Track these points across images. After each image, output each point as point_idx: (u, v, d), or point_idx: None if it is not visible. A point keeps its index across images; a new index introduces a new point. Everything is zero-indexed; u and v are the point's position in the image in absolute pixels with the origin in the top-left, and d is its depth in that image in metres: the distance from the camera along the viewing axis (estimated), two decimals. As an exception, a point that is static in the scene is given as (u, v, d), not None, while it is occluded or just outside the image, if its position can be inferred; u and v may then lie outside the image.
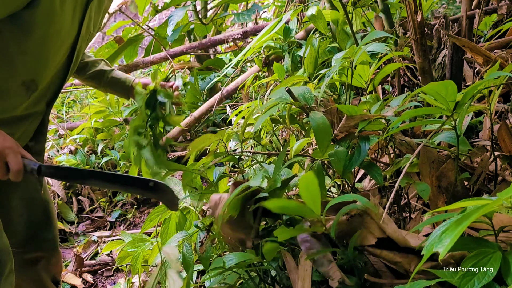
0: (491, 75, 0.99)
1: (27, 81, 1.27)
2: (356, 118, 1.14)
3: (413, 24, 1.41)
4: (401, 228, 1.20)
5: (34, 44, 1.20)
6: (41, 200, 1.63)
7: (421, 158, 1.17)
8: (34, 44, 1.20)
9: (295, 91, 1.26)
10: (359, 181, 1.58)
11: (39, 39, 1.20)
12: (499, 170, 1.28)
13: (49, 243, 1.68)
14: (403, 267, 0.97)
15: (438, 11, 2.77)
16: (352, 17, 2.00)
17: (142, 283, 2.15)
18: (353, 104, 1.41)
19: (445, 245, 0.61)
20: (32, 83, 1.29)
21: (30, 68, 1.26)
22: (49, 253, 1.69)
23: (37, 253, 1.65)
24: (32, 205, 1.60)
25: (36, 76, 1.29)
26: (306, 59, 1.95)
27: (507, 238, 0.95)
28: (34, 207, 1.60)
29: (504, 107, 1.63)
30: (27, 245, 1.61)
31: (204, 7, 3.71)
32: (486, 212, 0.64)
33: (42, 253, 1.66)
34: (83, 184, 2.60)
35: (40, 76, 1.30)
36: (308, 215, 0.93)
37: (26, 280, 1.65)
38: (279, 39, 2.35)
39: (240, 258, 1.14)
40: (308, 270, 1.09)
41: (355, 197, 0.94)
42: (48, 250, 1.68)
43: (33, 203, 1.60)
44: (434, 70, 1.72)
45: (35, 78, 1.29)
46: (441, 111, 1.01)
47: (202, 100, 3.51)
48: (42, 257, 1.67)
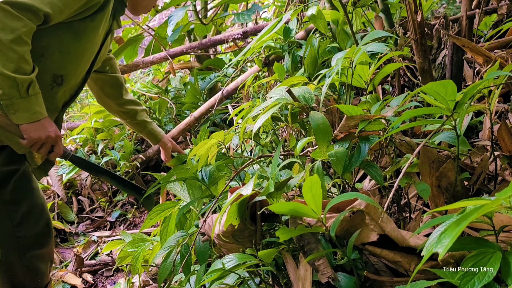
0: (490, 74, 0.98)
1: (57, 75, 1.59)
2: (356, 118, 1.14)
3: (413, 24, 1.41)
4: (401, 228, 1.20)
5: (76, 48, 1.57)
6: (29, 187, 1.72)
7: (421, 158, 1.17)
8: (76, 48, 1.57)
9: (295, 91, 1.26)
10: (359, 181, 1.58)
11: (81, 46, 1.58)
12: (499, 170, 1.28)
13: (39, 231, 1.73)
14: (403, 266, 0.97)
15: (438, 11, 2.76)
16: (352, 17, 2.00)
17: (142, 283, 2.15)
18: (353, 104, 1.41)
19: (445, 245, 0.61)
20: (59, 78, 1.60)
21: (64, 65, 1.59)
22: (40, 241, 1.75)
23: (29, 240, 1.71)
24: (21, 190, 1.68)
25: (66, 73, 1.61)
26: (306, 59, 1.95)
27: (507, 238, 0.95)
28: (22, 192, 1.68)
29: (504, 107, 1.63)
30: (20, 231, 1.69)
31: (204, 7, 3.71)
32: (485, 212, 0.63)
33: (33, 241, 1.73)
34: (96, 176, 3.31)
35: (69, 74, 1.62)
36: (310, 215, 0.93)
37: (21, 268, 1.68)
38: (279, 39, 2.35)
39: (240, 260, 1.14)
40: (309, 271, 1.09)
41: (356, 195, 0.94)
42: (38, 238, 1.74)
43: (22, 187, 1.68)
44: (434, 70, 1.73)
45: (64, 74, 1.61)
46: (441, 111, 1.00)
47: (202, 100, 3.51)
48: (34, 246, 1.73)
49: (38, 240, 1.72)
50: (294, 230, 1.00)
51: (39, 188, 1.77)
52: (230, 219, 1.15)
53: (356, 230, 0.99)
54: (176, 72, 3.84)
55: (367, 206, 0.98)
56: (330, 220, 0.99)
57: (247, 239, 1.25)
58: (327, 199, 1.11)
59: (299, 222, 1.04)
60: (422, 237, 1.01)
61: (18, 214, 1.65)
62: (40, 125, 1.47)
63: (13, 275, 1.68)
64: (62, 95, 1.68)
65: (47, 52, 1.52)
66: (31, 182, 1.71)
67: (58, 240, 3.04)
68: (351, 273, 1.03)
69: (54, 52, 1.54)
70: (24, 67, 1.36)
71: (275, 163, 1.23)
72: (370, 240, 0.98)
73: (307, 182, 0.88)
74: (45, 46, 1.51)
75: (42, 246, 1.74)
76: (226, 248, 1.31)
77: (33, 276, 1.73)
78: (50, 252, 1.79)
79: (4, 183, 1.62)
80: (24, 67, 1.37)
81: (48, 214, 1.78)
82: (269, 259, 1.12)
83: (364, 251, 1.07)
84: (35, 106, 1.43)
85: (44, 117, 1.48)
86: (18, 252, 1.67)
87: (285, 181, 1.17)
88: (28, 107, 1.42)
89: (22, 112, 1.41)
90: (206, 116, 3.20)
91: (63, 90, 1.65)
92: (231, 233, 1.21)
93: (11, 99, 1.38)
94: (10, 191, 1.63)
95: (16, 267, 1.68)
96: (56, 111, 1.70)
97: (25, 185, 1.68)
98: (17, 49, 1.33)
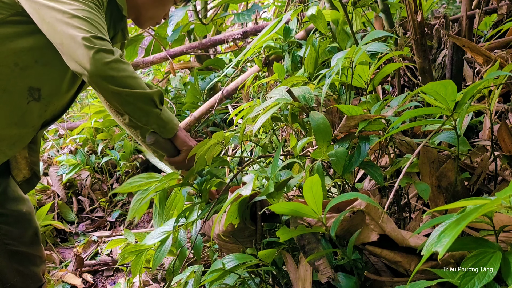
0: (490, 74, 0.99)
1: (33, 88, 1.40)
2: (356, 118, 1.14)
3: (413, 24, 1.41)
4: (401, 228, 1.20)
5: (55, 60, 1.36)
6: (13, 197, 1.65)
7: (421, 158, 1.17)
8: (55, 60, 1.36)
9: (295, 91, 1.26)
10: (359, 181, 1.58)
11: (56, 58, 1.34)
12: (499, 170, 1.28)
13: (27, 239, 1.69)
14: (403, 266, 0.97)
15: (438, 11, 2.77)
16: (352, 17, 2.00)
17: (142, 283, 2.15)
18: (353, 104, 1.41)
19: (444, 244, 0.61)
20: (36, 91, 1.41)
21: (41, 78, 1.40)
22: (29, 248, 1.70)
23: (17, 247, 1.66)
24: (5, 201, 1.62)
25: (42, 87, 1.42)
26: (306, 59, 1.95)
27: (508, 238, 0.95)
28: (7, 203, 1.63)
29: (504, 107, 1.63)
30: (6, 239, 1.63)
31: (204, 7, 3.71)
32: (485, 212, 0.64)
33: (22, 248, 1.68)
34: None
35: (46, 89, 1.43)
36: (310, 215, 0.94)
37: (12, 272, 1.67)
38: (279, 39, 2.35)
39: (240, 260, 1.14)
40: (309, 271, 1.09)
41: (356, 195, 0.94)
42: (27, 245, 1.69)
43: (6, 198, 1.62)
44: (434, 70, 1.73)
45: (41, 88, 1.42)
46: (441, 111, 1.01)
47: (202, 100, 3.51)
48: (24, 251, 1.69)
49: (27, 247, 1.70)
50: (295, 230, 1.00)
51: (23, 197, 1.70)
52: (230, 218, 1.16)
53: (356, 230, 1.00)
54: (176, 72, 3.84)
55: (367, 206, 0.98)
56: (330, 220, 0.99)
57: (247, 239, 1.25)
58: (327, 199, 1.11)
59: (300, 222, 1.05)
60: (422, 237, 1.01)
61: (5, 225, 1.62)
62: (185, 133, 1.46)
63: (3, 280, 1.66)
64: (41, 113, 1.47)
65: (20, 59, 1.36)
66: (15, 193, 1.66)
67: (58, 240, 3.04)
68: (351, 273, 1.03)
69: (30, 62, 1.37)
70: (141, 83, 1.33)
71: (275, 163, 1.23)
72: (370, 240, 0.98)
73: (308, 182, 0.89)
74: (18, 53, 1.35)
75: (31, 251, 1.71)
76: (226, 248, 1.32)
77: (24, 279, 1.72)
78: (41, 255, 1.76)
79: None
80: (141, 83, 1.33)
81: (36, 223, 1.73)
82: (269, 259, 1.12)
83: (364, 251, 1.07)
84: (171, 117, 1.41)
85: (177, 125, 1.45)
86: (8, 257, 1.65)
87: (285, 181, 1.17)
88: (168, 118, 1.39)
89: (168, 124, 1.39)
90: (206, 116, 3.20)
91: (41, 106, 1.45)
92: (231, 233, 1.21)
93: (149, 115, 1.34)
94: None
95: (6, 271, 1.66)
96: (33, 130, 1.49)
97: (10, 196, 1.63)
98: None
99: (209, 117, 3.26)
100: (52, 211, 3.16)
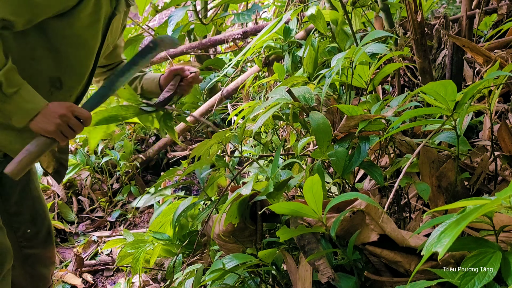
0: (490, 74, 0.99)
1: (53, 78, 1.39)
2: (356, 118, 1.14)
3: (413, 24, 1.41)
4: (401, 228, 1.20)
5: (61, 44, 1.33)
6: (31, 197, 1.67)
7: (421, 158, 1.17)
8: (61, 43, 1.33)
9: (295, 91, 1.26)
10: (359, 181, 1.58)
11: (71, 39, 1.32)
12: (499, 170, 1.28)
13: (41, 238, 1.71)
14: (403, 266, 0.97)
15: (438, 11, 2.77)
16: (352, 17, 2.00)
17: (142, 283, 2.15)
18: (353, 104, 1.41)
19: (444, 244, 0.61)
20: (57, 81, 1.41)
21: (58, 65, 1.37)
22: (42, 248, 1.72)
23: (32, 249, 1.69)
24: (24, 200, 1.64)
25: (62, 75, 1.40)
26: (305, 59, 1.95)
27: (508, 238, 0.95)
28: (25, 202, 1.65)
29: (504, 107, 1.63)
30: (23, 240, 1.66)
31: (204, 7, 3.71)
32: (485, 212, 0.64)
33: (36, 249, 1.70)
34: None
35: (65, 75, 1.42)
36: (310, 215, 0.94)
37: (24, 275, 1.67)
38: (279, 39, 2.35)
39: (240, 260, 1.14)
40: (309, 271, 1.09)
41: (356, 195, 0.94)
42: (40, 245, 1.71)
43: (25, 197, 1.64)
44: (434, 70, 1.73)
45: (61, 76, 1.40)
46: (441, 111, 1.01)
47: (202, 100, 3.51)
48: (37, 252, 1.71)
49: (40, 246, 1.71)
50: (295, 230, 1.00)
51: (40, 195, 1.72)
52: (230, 218, 1.16)
53: (356, 230, 1.00)
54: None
55: (367, 206, 0.98)
56: (330, 220, 0.99)
57: (247, 239, 1.25)
58: (327, 199, 1.11)
59: (300, 222, 1.05)
60: (422, 237, 1.01)
61: (22, 224, 1.64)
62: (44, 116, 1.26)
63: (14, 281, 1.67)
64: (65, 100, 1.45)
65: (35, 53, 1.33)
66: (34, 191, 1.68)
67: (58, 240, 3.04)
68: (351, 273, 1.03)
69: (43, 52, 1.34)
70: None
71: (276, 163, 1.23)
72: (370, 240, 0.98)
73: (308, 182, 0.89)
74: (33, 47, 1.32)
75: (44, 252, 1.73)
76: (226, 248, 1.31)
77: (34, 282, 1.73)
78: (51, 256, 1.78)
79: (9, 195, 1.60)
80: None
81: (49, 220, 1.76)
82: (270, 259, 1.12)
83: (364, 251, 1.07)
84: (23, 105, 1.24)
85: (41, 108, 1.26)
86: (21, 259, 1.66)
87: (285, 181, 1.17)
88: (15, 109, 1.23)
89: (15, 115, 1.25)
90: (206, 116, 3.20)
91: (64, 94, 1.46)
92: (231, 232, 1.21)
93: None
94: (14, 203, 1.61)
95: (17, 273, 1.67)
96: None
97: (29, 195, 1.65)
98: None
99: (209, 117, 3.26)
100: (52, 211, 3.16)
